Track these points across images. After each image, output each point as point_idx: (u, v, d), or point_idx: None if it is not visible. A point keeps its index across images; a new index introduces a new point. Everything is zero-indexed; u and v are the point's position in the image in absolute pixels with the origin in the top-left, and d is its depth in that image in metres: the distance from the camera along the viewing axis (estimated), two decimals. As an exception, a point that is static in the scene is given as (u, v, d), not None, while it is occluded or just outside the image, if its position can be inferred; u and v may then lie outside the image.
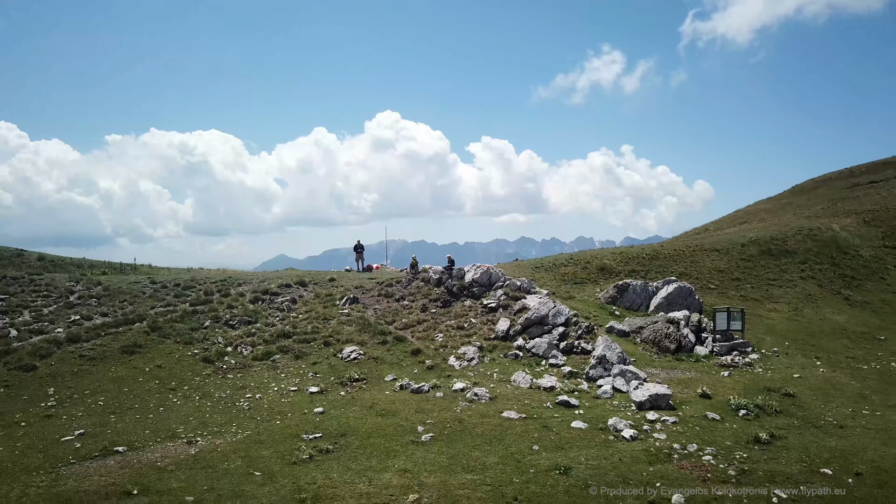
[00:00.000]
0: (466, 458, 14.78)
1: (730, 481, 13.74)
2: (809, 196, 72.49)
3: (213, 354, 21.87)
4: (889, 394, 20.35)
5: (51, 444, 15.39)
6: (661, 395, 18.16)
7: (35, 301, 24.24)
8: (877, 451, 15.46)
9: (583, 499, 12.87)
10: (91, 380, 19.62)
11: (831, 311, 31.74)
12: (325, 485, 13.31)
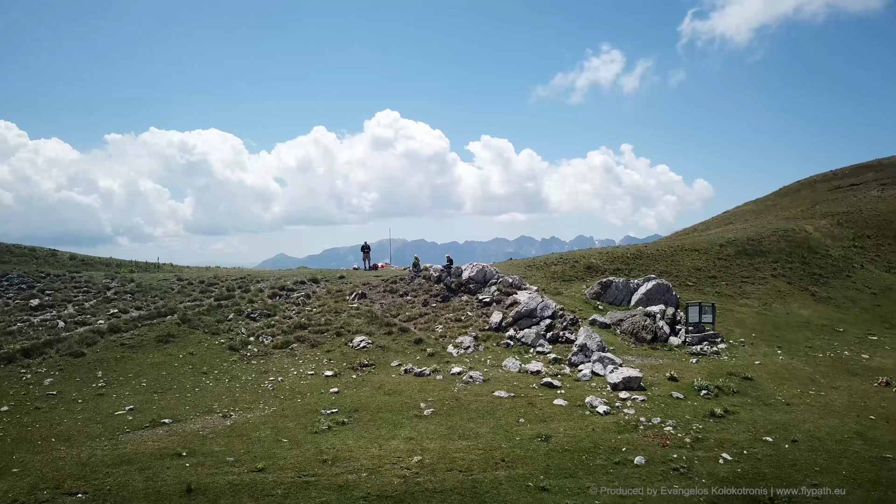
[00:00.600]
0: (462, 428, 16.93)
1: (685, 446, 15.89)
2: (793, 198, 74.44)
3: (238, 343, 24.05)
4: (835, 377, 22.50)
5: (107, 417, 17.56)
6: (633, 377, 20.31)
7: (77, 296, 26.39)
8: (814, 423, 17.60)
9: (559, 460, 15.03)
10: (133, 365, 21.78)
11: (798, 305, 33.89)
12: (343, 449, 15.46)
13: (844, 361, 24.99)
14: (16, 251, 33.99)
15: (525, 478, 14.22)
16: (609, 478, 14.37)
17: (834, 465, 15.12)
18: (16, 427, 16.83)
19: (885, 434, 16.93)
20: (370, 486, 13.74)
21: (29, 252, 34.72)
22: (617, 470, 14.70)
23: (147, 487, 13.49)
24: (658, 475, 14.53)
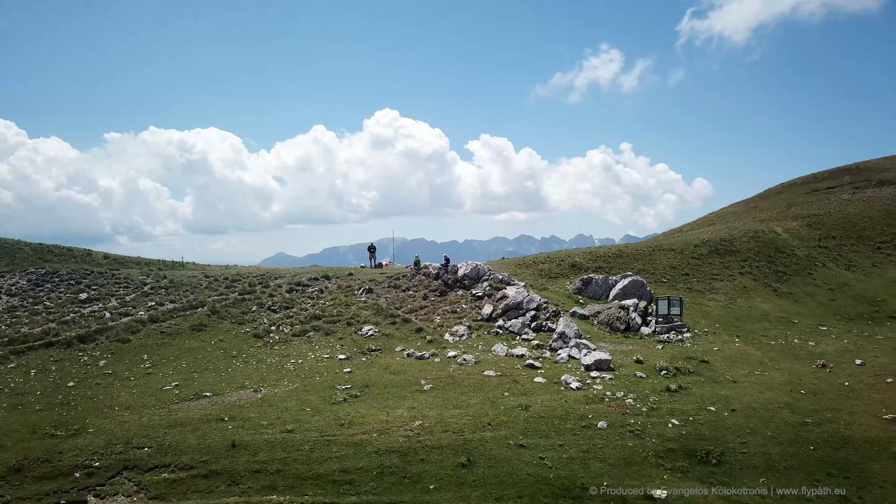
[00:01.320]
0: (456, 400, 19.62)
1: (641, 414, 18.57)
2: (774, 200, 76.77)
3: (261, 332, 26.71)
4: (781, 361, 25.15)
5: (157, 391, 20.24)
6: (604, 360, 22.98)
7: (118, 291, 29.01)
8: (753, 397, 20.28)
9: (536, 424, 17.71)
10: (172, 349, 24.46)
11: (760, 300, 36.56)
12: (357, 416, 18.14)
13: (792, 348, 27.66)
14: (55, 251, 36.60)
15: (507, 437, 16.91)
16: (576, 438, 17.06)
17: (762, 428, 17.80)
18: (83, 398, 19.52)
19: (809, 405, 19.62)
20: (380, 443, 16.42)
21: (67, 252, 37.32)
22: (583, 432, 17.39)
23: (199, 443, 16.18)
24: (616, 436, 17.22)
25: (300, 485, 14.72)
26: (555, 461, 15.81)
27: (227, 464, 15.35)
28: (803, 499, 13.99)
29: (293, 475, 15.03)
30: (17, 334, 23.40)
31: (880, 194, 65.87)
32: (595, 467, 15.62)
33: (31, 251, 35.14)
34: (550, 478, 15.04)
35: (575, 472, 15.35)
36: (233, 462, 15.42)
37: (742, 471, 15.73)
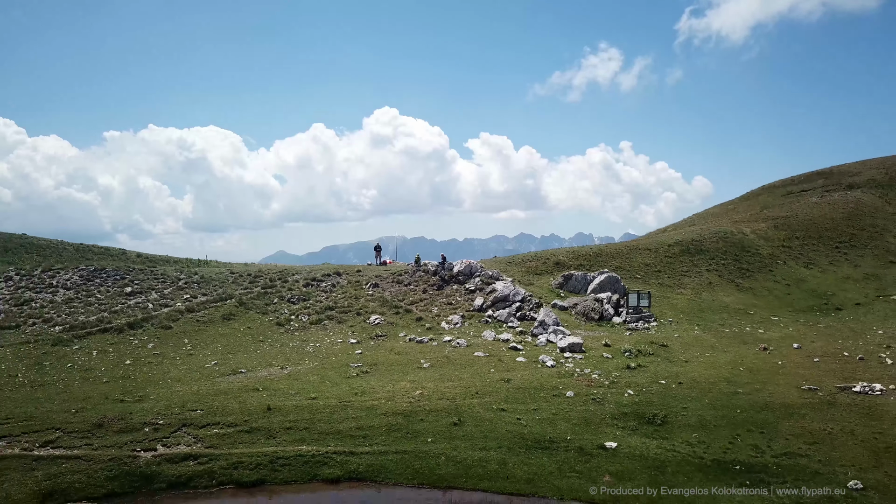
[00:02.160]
0: (450, 375, 22.72)
1: (603, 386, 21.66)
2: (752, 202, 79.47)
3: (283, 320, 29.80)
4: (730, 345, 28.25)
5: (200, 368, 23.34)
6: (576, 343, 26.09)
7: (157, 285, 32.06)
8: (699, 373, 23.37)
9: (515, 393, 20.80)
10: (208, 335, 27.55)
11: (723, 294, 39.69)
12: (368, 387, 21.24)
13: (743, 335, 30.76)
14: (95, 250, 39.67)
15: (490, 403, 20.02)
16: (547, 404, 20.16)
17: (701, 397, 20.88)
18: (140, 373, 22.63)
19: (745, 379, 22.71)
20: (387, 407, 19.53)
21: (104, 251, 40.39)
22: (553, 399, 20.49)
23: (240, 407, 19.27)
24: (580, 402, 20.32)
25: (324, 438, 17.82)
26: (529, 421, 18.90)
27: (264, 422, 18.45)
28: (803, 498, 14.61)
29: (318, 431, 18.13)
30: (76, 322, 26.50)
31: (846, 197, 68.63)
32: (561, 426, 18.70)
33: (73, 250, 38.22)
34: (525, 433, 18.13)
35: (545, 429, 18.43)
36: (269, 421, 18.51)
37: (680, 428, 18.80)
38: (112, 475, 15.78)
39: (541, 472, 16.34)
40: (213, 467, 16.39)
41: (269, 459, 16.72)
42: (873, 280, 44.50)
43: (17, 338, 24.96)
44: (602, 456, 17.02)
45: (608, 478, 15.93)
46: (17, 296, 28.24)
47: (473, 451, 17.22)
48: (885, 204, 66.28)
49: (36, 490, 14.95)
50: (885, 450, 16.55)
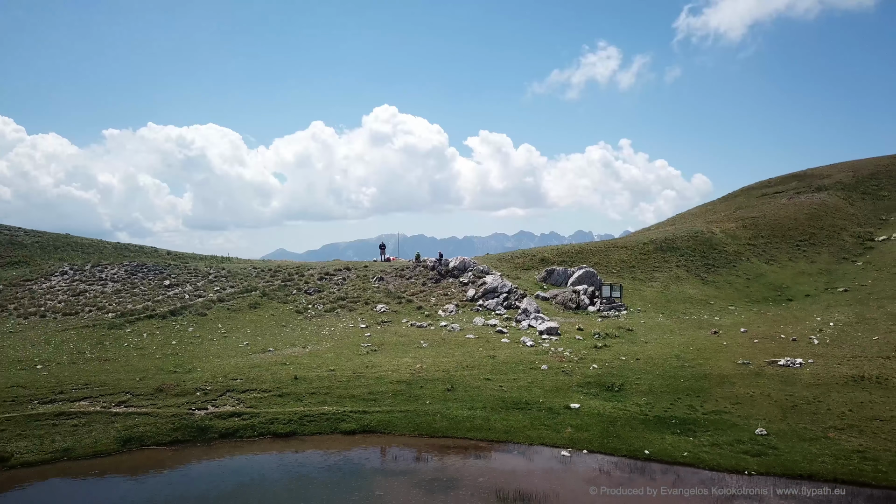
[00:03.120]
0: (445, 353, 26.04)
1: (573, 361, 24.99)
2: (729, 203, 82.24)
3: (301, 308, 33.12)
4: (687, 330, 31.58)
5: (234, 348, 26.66)
6: (553, 327, 29.43)
7: (191, 279, 35.36)
8: (655, 352, 26.70)
9: (499, 367, 24.11)
10: (238, 321, 30.86)
11: (689, 287, 43.04)
12: (376, 362, 24.55)
13: (700, 322, 34.12)
14: (131, 248, 42.95)
15: (478, 374, 23.33)
16: (525, 375, 23.47)
17: (653, 370, 24.19)
18: (185, 351, 25.94)
19: (692, 356, 26.02)
20: (393, 377, 22.84)
21: (138, 248, 43.67)
22: (530, 371, 23.81)
23: (272, 377, 22.58)
24: (552, 374, 23.63)
25: (341, 401, 21.13)
26: (509, 388, 22.21)
27: (293, 389, 21.77)
28: (718, 441, 17.03)
29: (337, 395, 21.45)
30: (126, 309, 29.82)
31: (812, 199, 71.69)
32: (535, 391, 22.01)
33: (112, 248, 41.50)
34: (505, 397, 21.43)
35: (521, 394, 21.74)
36: (296, 388, 21.83)
37: (632, 394, 22.10)
38: (175, 427, 19.10)
39: (517, 425, 19.63)
40: (253, 422, 19.69)
41: (299, 416, 20.02)
42: (825, 274, 47.87)
43: (77, 322, 28.28)
44: (567, 414, 20.30)
45: (569, 429, 19.24)
46: (73, 287, 31.56)
47: (463, 411, 20.52)
48: (848, 205, 69.53)
49: (117, 437, 18.26)
50: (791, 407, 19.87)
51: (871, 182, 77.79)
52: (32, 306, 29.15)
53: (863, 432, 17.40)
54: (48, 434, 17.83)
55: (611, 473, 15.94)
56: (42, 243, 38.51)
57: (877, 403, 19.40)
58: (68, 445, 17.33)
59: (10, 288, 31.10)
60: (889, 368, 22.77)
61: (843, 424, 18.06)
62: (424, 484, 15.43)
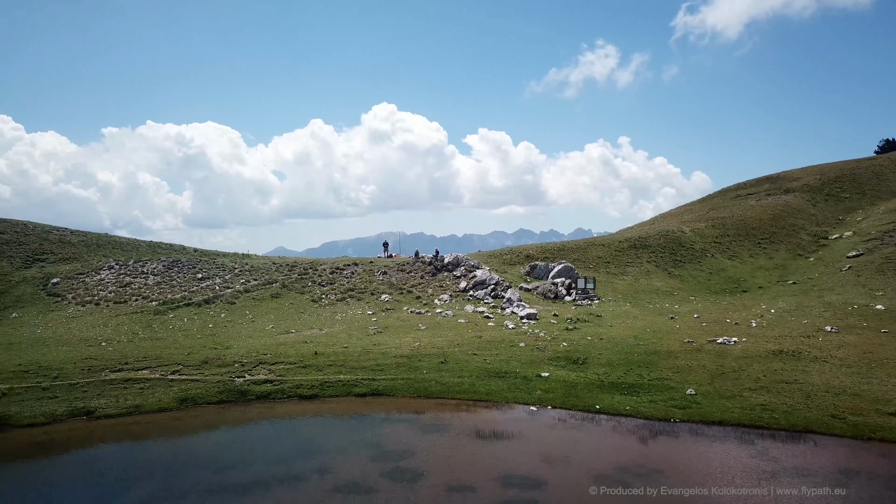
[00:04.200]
0: (439, 334, 29.65)
1: (546, 341, 28.59)
2: (706, 204, 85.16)
3: (316, 298, 36.71)
4: (648, 316, 35.22)
5: (261, 330, 30.26)
6: (532, 313, 33.06)
7: (219, 273, 38.93)
8: (617, 333, 30.28)
9: (484, 345, 27.73)
10: (262, 308, 34.45)
11: (657, 280, 46.69)
12: (382, 341, 28.15)
13: (661, 309, 37.77)
14: (162, 246, 46.49)
15: (466, 350, 26.92)
16: (506, 351, 27.07)
17: (613, 348, 27.79)
18: (221, 333, 29.52)
19: (648, 337, 29.61)
20: (396, 352, 26.42)
21: (168, 247, 47.21)
22: (510, 348, 27.41)
23: (296, 353, 26.16)
24: (529, 350, 27.23)
25: (354, 370, 24.72)
26: (492, 361, 25.82)
27: (313, 361, 25.35)
28: (655, 399, 23.42)
29: (350, 366, 25.04)
30: (167, 298, 33.40)
31: (779, 201, 74.84)
32: (513, 364, 25.60)
33: (147, 246, 45.05)
34: (488, 368, 25.03)
35: (502, 366, 25.32)
36: (317, 360, 25.41)
37: (593, 366, 25.67)
38: (220, 391, 22.68)
39: (497, 389, 23.23)
40: (283, 387, 23.28)
41: (320, 383, 23.62)
42: (780, 269, 51.53)
43: (127, 309, 31.87)
44: (538, 381, 23.90)
45: (539, 392, 22.84)
46: (119, 280, 35.15)
47: (453, 378, 24.12)
48: (810, 206, 72.93)
49: (175, 397, 21.84)
50: (719, 374, 23.49)
51: (836, 185, 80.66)
52: (87, 296, 32.74)
53: (769, 391, 21.05)
54: (121, 394, 21.42)
55: (566, 421, 19.60)
56: (87, 242, 42.06)
57: (787, 371, 23.08)
58: (138, 403, 20.91)
59: (67, 280, 34.70)
60: (805, 345, 26.48)
61: (756, 386, 21.69)
62: (421, 427, 19.07)
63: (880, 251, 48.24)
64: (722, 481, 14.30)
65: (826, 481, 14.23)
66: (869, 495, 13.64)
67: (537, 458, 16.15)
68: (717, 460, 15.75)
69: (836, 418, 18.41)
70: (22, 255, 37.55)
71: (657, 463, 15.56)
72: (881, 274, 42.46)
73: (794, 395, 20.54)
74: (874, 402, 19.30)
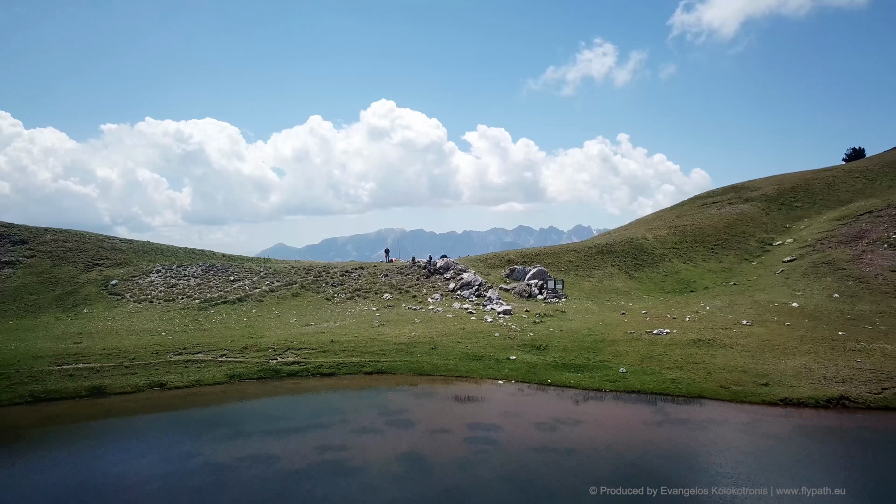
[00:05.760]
0: (431, 326, 34.60)
1: (517, 331, 33.56)
2: (674, 211, 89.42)
3: (329, 297, 41.63)
4: (604, 312, 40.21)
5: (287, 323, 35.17)
6: (508, 309, 38.05)
7: (247, 276, 43.79)
8: (575, 326, 35.26)
9: (466, 335, 32.72)
10: (285, 305, 39.34)
11: (618, 281, 51.71)
12: (385, 332, 33.10)
13: (617, 306, 42.78)
14: (195, 252, 51.28)
15: (452, 339, 31.86)
16: (484, 340, 32.03)
17: (570, 337, 32.78)
18: (255, 326, 34.40)
19: (599, 329, 34.59)
20: (396, 341, 31.35)
21: (200, 252, 52.03)
22: (487, 338, 32.37)
23: (316, 341, 31.08)
24: (502, 339, 32.18)
25: (363, 354, 29.61)
26: (472, 347, 30.78)
27: (330, 347, 30.27)
28: (594, 375, 28.77)
29: (360, 351, 29.94)
30: (207, 297, 38.26)
31: (736, 210, 79.06)
32: (489, 349, 30.57)
33: (183, 253, 49.86)
34: (469, 353, 29.99)
35: (480, 351, 30.27)
36: (333, 347, 30.34)
37: (552, 351, 30.60)
38: (259, 369, 27.58)
39: (474, 368, 28.20)
40: (307, 367, 28.20)
41: (336, 363, 28.57)
42: (727, 272, 56.57)
43: (175, 306, 36.74)
44: (507, 363, 28.88)
45: (507, 370, 27.83)
46: (167, 282, 40.01)
47: (441, 360, 29.09)
48: (764, 215, 77.60)
49: (225, 374, 26.73)
50: (648, 357, 28.50)
51: (790, 194, 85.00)
52: (142, 295, 37.59)
53: (682, 369, 26.07)
54: (184, 371, 26.32)
55: (524, 391, 24.59)
56: (134, 248, 46.88)
57: (700, 354, 28.08)
58: (198, 378, 25.80)
59: (123, 282, 39.53)
60: (720, 335, 31.51)
61: (673, 366, 26.71)
62: (414, 395, 24.06)
63: (810, 257, 53.34)
64: (621, 425, 19.37)
65: (696, 426, 19.31)
66: (722, 435, 18.69)
67: (497, 413, 21.18)
68: (623, 414, 20.82)
69: (723, 388, 23.48)
70: (84, 261, 42.35)
71: (581, 416, 20.62)
72: (805, 277, 47.56)
73: (699, 371, 25.56)
74: (754, 377, 24.36)
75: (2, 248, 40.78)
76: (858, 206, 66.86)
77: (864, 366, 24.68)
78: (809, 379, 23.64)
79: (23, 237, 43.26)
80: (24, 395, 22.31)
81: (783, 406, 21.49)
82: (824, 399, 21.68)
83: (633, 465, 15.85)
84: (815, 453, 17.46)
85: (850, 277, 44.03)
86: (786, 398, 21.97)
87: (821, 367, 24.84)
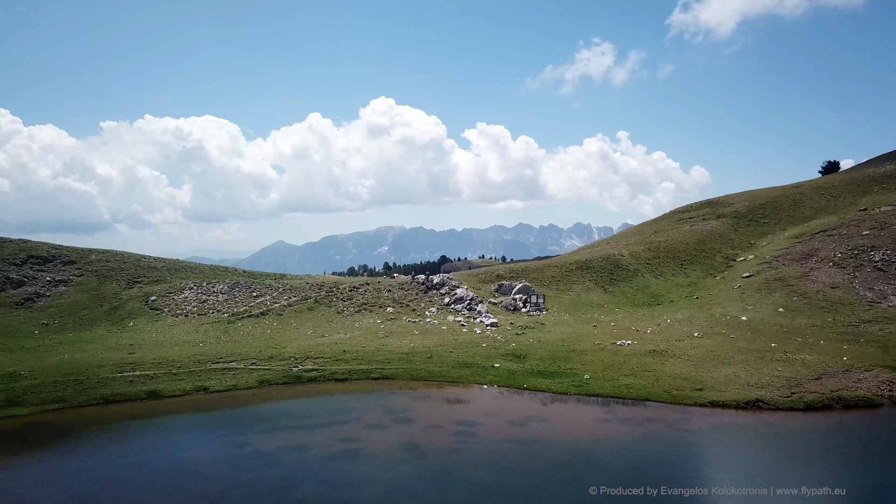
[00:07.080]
0: (428, 338, 38.56)
1: (501, 342, 37.52)
2: (653, 225, 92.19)
3: (340, 310, 45.57)
4: (578, 324, 44.17)
5: (304, 335, 39.10)
6: (495, 322, 42.06)
7: (267, 291, 47.75)
8: (552, 337, 39.21)
9: (458, 346, 36.67)
10: (302, 318, 43.29)
11: (594, 295, 55.74)
12: (388, 343, 37.05)
13: (591, 319, 46.76)
14: (218, 269, 55.26)
15: (446, 349, 35.82)
16: (473, 350, 35.98)
17: (546, 347, 36.74)
18: (278, 337, 38.34)
19: (572, 340, 38.55)
20: (398, 351, 35.29)
21: (223, 269, 56.01)
22: (476, 347, 36.34)
23: (330, 350, 34.99)
24: (488, 349, 36.15)
25: (370, 362, 33.53)
26: (462, 356, 34.72)
27: (343, 356, 34.18)
28: (563, 381, 32.87)
29: (367, 359, 33.87)
30: (234, 311, 42.19)
31: (707, 226, 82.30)
32: (477, 358, 34.50)
33: (209, 270, 53.84)
34: (460, 361, 33.95)
35: (469, 359, 34.20)
36: (345, 356, 34.24)
37: (531, 360, 34.50)
38: (284, 375, 31.48)
39: (464, 374, 32.14)
40: (324, 373, 32.13)
41: (348, 370, 32.51)
42: (692, 287, 60.55)
43: (207, 320, 40.68)
44: (492, 369, 32.84)
45: (491, 376, 31.80)
46: (199, 298, 43.98)
47: (436, 368, 33.03)
48: (732, 231, 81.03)
49: (256, 379, 30.63)
50: (610, 365, 32.42)
51: (759, 211, 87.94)
52: (178, 309, 41.54)
53: (635, 376, 30.04)
54: (222, 377, 30.24)
55: (503, 394, 28.57)
56: (168, 267, 50.85)
57: (653, 363, 32.05)
58: (234, 383, 29.72)
59: (161, 298, 43.50)
60: (674, 346, 35.50)
61: (629, 373, 30.66)
62: (414, 397, 28.03)
63: (766, 273, 57.40)
64: (577, 422, 23.38)
65: (636, 423, 23.31)
66: (654, 430, 22.69)
67: (479, 412, 25.18)
68: (581, 413, 24.83)
69: (665, 392, 27.46)
70: (125, 279, 46.31)
71: (547, 415, 24.61)
72: (758, 292, 51.60)
73: (649, 378, 29.53)
74: (692, 383, 28.34)
75: (55, 269, 44.72)
76: (816, 224, 70.01)
77: (782, 374, 28.72)
78: (736, 385, 27.65)
79: (71, 258, 47.20)
80: (96, 398, 26.22)
81: (711, 407, 25.45)
82: (744, 401, 25.68)
83: (580, 454, 19.85)
84: (725, 444, 21.50)
85: (795, 293, 48.09)
86: (713, 400, 25.96)
87: (747, 375, 28.87)
